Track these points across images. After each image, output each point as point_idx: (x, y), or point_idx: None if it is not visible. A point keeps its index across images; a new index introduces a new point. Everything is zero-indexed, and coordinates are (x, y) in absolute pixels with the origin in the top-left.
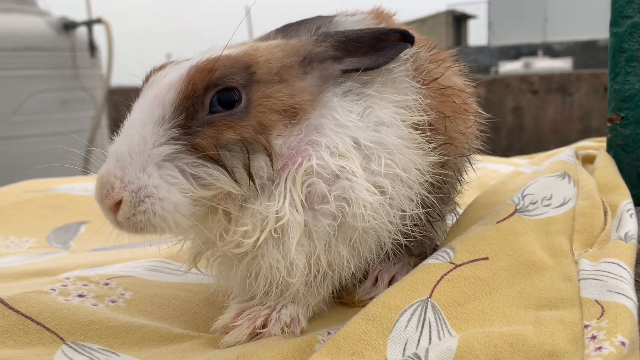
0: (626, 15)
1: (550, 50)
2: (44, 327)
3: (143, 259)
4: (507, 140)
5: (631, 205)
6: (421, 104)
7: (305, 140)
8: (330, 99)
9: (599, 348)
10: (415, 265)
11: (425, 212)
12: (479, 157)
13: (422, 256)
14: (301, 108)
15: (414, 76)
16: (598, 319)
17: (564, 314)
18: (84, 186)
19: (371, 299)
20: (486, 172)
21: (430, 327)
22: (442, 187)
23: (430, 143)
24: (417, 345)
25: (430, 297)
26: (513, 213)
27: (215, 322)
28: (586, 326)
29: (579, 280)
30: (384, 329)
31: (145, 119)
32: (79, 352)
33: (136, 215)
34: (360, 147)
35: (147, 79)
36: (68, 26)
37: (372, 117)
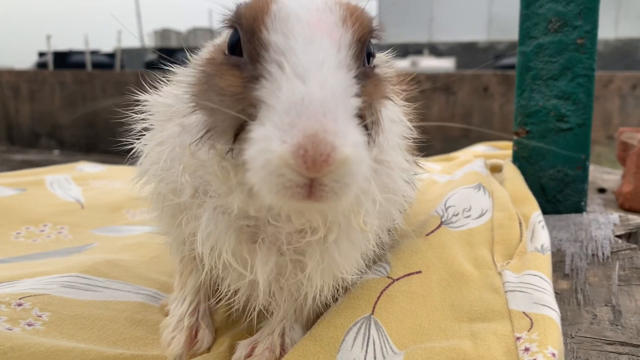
0: (532, 36)
1: (435, 50)
2: None
3: (56, 273)
4: None
5: (541, 217)
6: None
7: None
8: None
9: None
10: None
11: None
12: None
13: None
14: None
15: None
16: (528, 331)
17: (497, 327)
18: None
19: None
20: None
21: (374, 345)
22: None
23: None
24: None
25: (372, 314)
26: (439, 225)
27: None
28: (518, 338)
29: (505, 292)
30: (331, 350)
31: (333, 62)
32: None
33: (346, 177)
34: None
35: (262, 10)
36: None
37: None
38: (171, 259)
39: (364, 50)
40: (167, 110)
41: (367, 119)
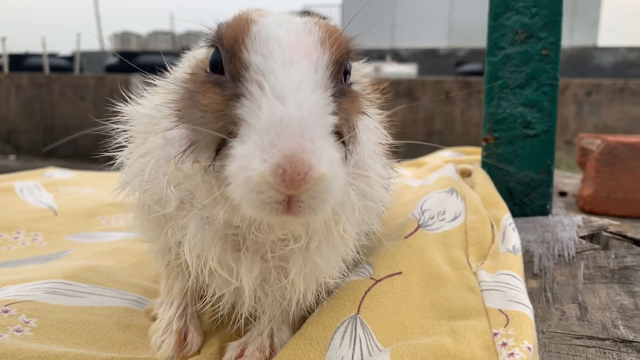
0: (500, 46)
1: (398, 56)
2: None
3: (38, 280)
4: None
5: (511, 220)
6: None
7: None
8: None
9: (512, 354)
10: None
11: None
12: None
13: None
14: None
15: None
16: (505, 327)
17: (475, 324)
18: None
19: None
20: None
21: (360, 342)
22: None
23: None
24: None
25: (358, 314)
26: (417, 228)
27: None
28: (495, 334)
29: (481, 290)
30: (321, 348)
31: (310, 82)
32: None
33: (322, 194)
34: None
35: (242, 31)
36: None
37: None
38: (155, 264)
39: (341, 70)
40: (149, 121)
41: (344, 133)
